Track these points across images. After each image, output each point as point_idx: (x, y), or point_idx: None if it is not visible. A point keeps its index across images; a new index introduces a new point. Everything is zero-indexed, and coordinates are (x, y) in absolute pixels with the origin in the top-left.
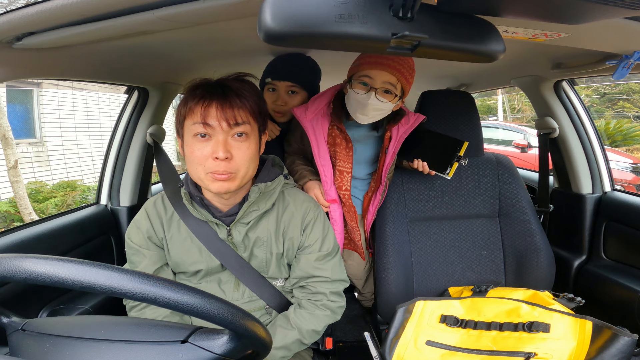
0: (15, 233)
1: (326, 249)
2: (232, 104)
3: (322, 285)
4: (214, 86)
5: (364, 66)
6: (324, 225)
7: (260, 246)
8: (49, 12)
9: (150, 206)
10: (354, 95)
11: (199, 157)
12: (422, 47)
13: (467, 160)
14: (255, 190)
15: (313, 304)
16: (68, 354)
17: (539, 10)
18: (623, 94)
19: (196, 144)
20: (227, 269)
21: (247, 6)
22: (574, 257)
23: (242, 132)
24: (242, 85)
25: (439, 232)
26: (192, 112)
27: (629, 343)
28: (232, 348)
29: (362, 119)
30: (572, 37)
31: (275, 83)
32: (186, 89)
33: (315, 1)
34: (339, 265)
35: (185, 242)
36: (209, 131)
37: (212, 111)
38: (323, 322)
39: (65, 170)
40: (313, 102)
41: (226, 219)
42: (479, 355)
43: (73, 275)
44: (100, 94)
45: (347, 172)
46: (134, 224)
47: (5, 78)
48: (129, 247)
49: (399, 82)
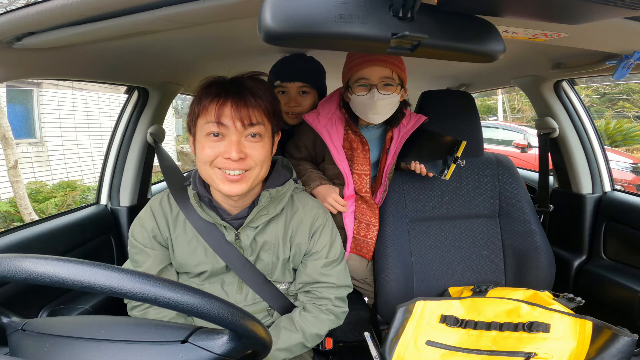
0: (15, 233)
1: (333, 255)
2: (247, 103)
3: (328, 291)
4: (229, 84)
5: (356, 69)
6: (332, 231)
7: (268, 250)
8: (49, 12)
9: (156, 204)
10: (357, 99)
11: (210, 155)
12: (422, 47)
13: (464, 161)
14: (266, 195)
15: (318, 308)
16: (68, 354)
17: (539, 10)
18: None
19: (208, 143)
20: (231, 270)
21: (247, 6)
22: (574, 257)
23: (256, 132)
24: (256, 84)
25: (439, 232)
26: (206, 111)
27: (629, 343)
28: (232, 348)
29: (375, 118)
30: (572, 37)
31: (285, 85)
32: (200, 86)
33: (315, 1)
34: (344, 272)
35: (191, 242)
36: (223, 131)
37: (226, 110)
38: (327, 326)
39: (65, 170)
40: (323, 107)
41: (234, 221)
42: (479, 355)
43: (73, 275)
44: (100, 94)
45: (365, 174)
46: (138, 222)
47: (5, 78)
48: (132, 245)
49: (393, 72)
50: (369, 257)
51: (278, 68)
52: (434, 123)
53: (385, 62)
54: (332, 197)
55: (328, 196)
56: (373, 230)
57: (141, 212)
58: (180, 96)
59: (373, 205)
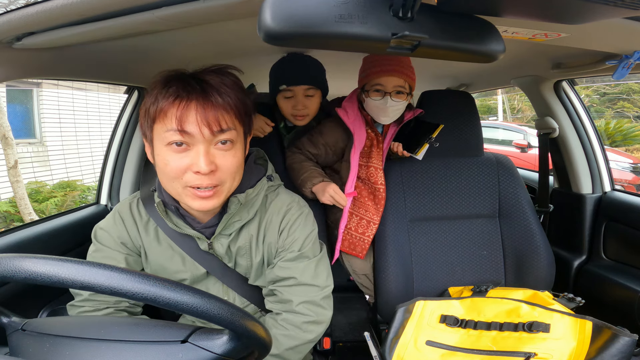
0: (15, 233)
1: (304, 249)
2: (215, 104)
3: (290, 291)
4: (191, 82)
5: (373, 76)
6: (306, 225)
7: (243, 255)
8: (49, 12)
9: (124, 210)
10: (372, 102)
11: (175, 169)
12: (422, 47)
13: (438, 143)
14: (235, 201)
15: (273, 319)
16: (68, 354)
17: (539, 10)
18: (623, 94)
19: (171, 155)
20: (212, 276)
21: (247, 6)
22: (574, 257)
23: (227, 139)
24: (223, 80)
25: (439, 232)
26: (164, 116)
27: (629, 343)
28: (232, 348)
29: (385, 120)
30: (572, 37)
31: (292, 89)
32: (154, 82)
33: (315, 1)
34: (314, 270)
35: (166, 251)
36: (187, 140)
37: (190, 115)
38: (284, 344)
39: (65, 170)
40: (348, 104)
41: (206, 230)
42: (479, 355)
43: (73, 275)
44: (100, 94)
45: (380, 168)
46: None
47: (5, 78)
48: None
49: (406, 82)
50: (362, 256)
51: (281, 71)
52: None
53: (400, 73)
54: (332, 188)
55: (328, 187)
56: (372, 228)
57: (108, 217)
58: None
59: (381, 202)
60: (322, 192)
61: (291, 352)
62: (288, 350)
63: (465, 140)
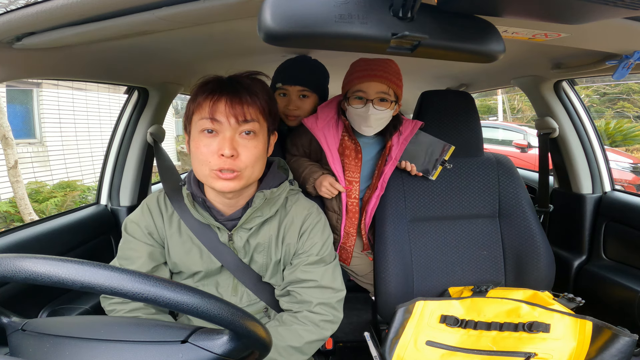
0: (15, 233)
1: (322, 254)
2: (242, 100)
3: (309, 292)
4: (225, 82)
5: (355, 81)
6: (323, 232)
7: (261, 252)
8: (49, 12)
9: (152, 202)
10: (353, 110)
11: (204, 153)
12: (422, 47)
13: (451, 164)
14: (260, 196)
15: (293, 316)
16: (68, 354)
17: (539, 10)
18: (623, 94)
19: (202, 140)
20: (225, 271)
21: (247, 6)
22: (574, 257)
23: (251, 129)
24: (253, 83)
25: (439, 232)
26: (200, 107)
27: (629, 343)
28: (232, 348)
29: (367, 131)
30: (572, 37)
31: (286, 88)
32: (196, 85)
33: (315, 1)
34: (331, 274)
35: (186, 243)
36: (216, 127)
37: (220, 106)
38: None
39: (65, 171)
40: (322, 111)
41: (228, 222)
42: (479, 355)
43: (73, 275)
44: (100, 94)
45: (355, 181)
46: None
47: (5, 78)
48: (125, 241)
49: (390, 88)
50: (348, 263)
51: (281, 70)
52: (434, 123)
53: (383, 78)
54: (327, 181)
55: (324, 180)
56: (351, 239)
57: (137, 210)
58: (180, 96)
59: (354, 216)
60: (319, 186)
61: (309, 345)
62: (307, 344)
63: (465, 141)
